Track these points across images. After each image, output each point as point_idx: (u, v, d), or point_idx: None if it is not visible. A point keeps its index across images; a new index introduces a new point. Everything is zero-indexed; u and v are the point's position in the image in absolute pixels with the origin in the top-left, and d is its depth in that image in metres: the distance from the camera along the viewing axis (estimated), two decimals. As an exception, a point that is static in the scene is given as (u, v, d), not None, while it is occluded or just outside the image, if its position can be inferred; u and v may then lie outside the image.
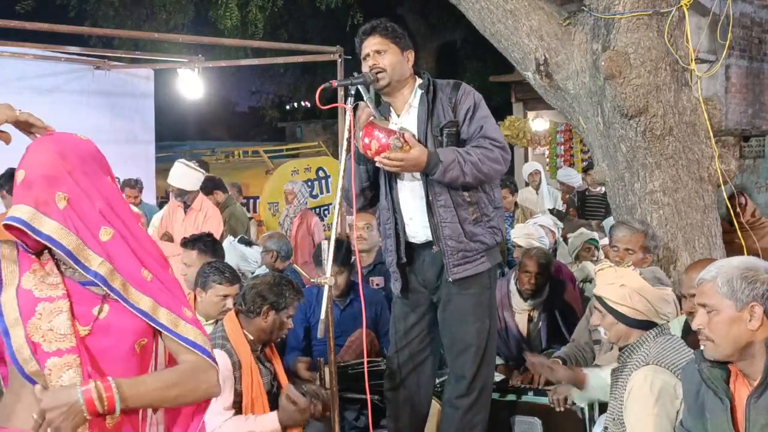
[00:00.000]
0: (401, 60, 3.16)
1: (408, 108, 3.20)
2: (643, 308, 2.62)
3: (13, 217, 1.70)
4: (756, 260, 2.14)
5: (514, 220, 6.33)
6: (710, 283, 2.12)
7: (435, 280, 3.21)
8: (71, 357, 1.71)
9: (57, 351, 1.71)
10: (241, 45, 11.17)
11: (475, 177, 3.03)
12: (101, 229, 1.77)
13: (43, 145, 1.80)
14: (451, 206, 3.10)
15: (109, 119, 8.16)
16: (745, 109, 10.22)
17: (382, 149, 2.96)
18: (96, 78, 8.12)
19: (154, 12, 13.02)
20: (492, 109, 3.27)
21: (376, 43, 3.12)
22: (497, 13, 3.93)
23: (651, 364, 2.52)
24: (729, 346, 2.08)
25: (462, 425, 3.22)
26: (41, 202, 1.72)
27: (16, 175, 1.77)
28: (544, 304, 4.14)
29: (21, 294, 1.74)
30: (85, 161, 1.81)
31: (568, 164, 12.06)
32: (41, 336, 1.71)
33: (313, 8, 13.59)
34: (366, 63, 3.14)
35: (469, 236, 3.11)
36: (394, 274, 3.29)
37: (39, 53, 7.55)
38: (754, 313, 2.05)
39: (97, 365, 1.75)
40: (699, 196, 3.81)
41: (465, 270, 3.12)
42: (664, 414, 2.45)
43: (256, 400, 3.07)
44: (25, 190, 1.73)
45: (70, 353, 1.71)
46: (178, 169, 5.85)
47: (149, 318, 1.77)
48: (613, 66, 3.57)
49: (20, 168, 1.77)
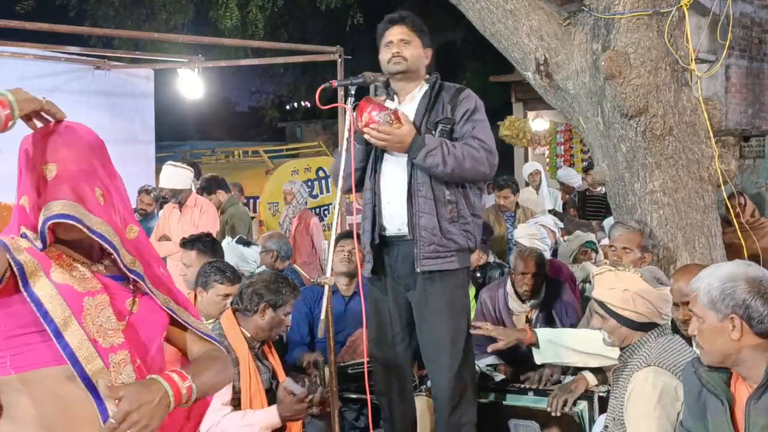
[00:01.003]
0: (421, 55, 3.24)
1: (411, 99, 3.24)
2: (645, 311, 2.62)
3: (63, 214, 1.61)
4: (738, 269, 2.13)
5: (515, 220, 6.33)
6: (695, 293, 2.15)
7: (408, 274, 3.21)
8: (124, 353, 1.66)
9: (112, 347, 1.64)
10: (241, 45, 11.18)
11: (453, 170, 3.03)
12: (128, 227, 1.75)
13: (70, 136, 1.70)
14: (431, 199, 3.11)
15: (109, 119, 8.15)
16: (745, 109, 10.23)
17: (371, 122, 2.99)
18: (96, 78, 8.12)
19: (154, 12, 13.03)
20: (492, 109, 3.29)
21: (402, 32, 3.19)
22: (497, 13, 3.93)
23: (652, 366, 2.52)
24: (717, 354, 2.11)
25: (449, 426, 3.22)
26: (82, 198, 1.65)
27: (40, 169, 1.66)
28: (542, 304, 4.13)
29: (62, 289, 1.62)
30: (105, 154, 1.77)
31: (568, 164, 12.05)
32: (95, 332, 1.63)
33: (313, 8, 13.60)
34: (389, 49, 3.18)
35: (444, 232, 3.12)
36: (368, 255, 3.29)
37: (39, 53, 7.55)
38: (734, 324, 2.06)
39: (137, 356, 1.70)
40: (699, 196, 3.81)
41: (434, 264, 3.13)
42: (665, 416, 2.45)
43: (255, 397, 3.07)
44: (62, 185, 1.64)
45: (122, 348, 1.66)
46: (167, 171, 5.93)
47: (173, 312, 1.77)
48: (613, 66, 3.57)
49: (49, 162, 1.66)
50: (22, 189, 1.68)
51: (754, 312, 2.04)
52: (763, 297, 2.04)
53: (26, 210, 1.67)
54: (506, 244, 6.15)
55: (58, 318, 1.59)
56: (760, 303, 2.04)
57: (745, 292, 2.05)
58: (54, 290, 1.61)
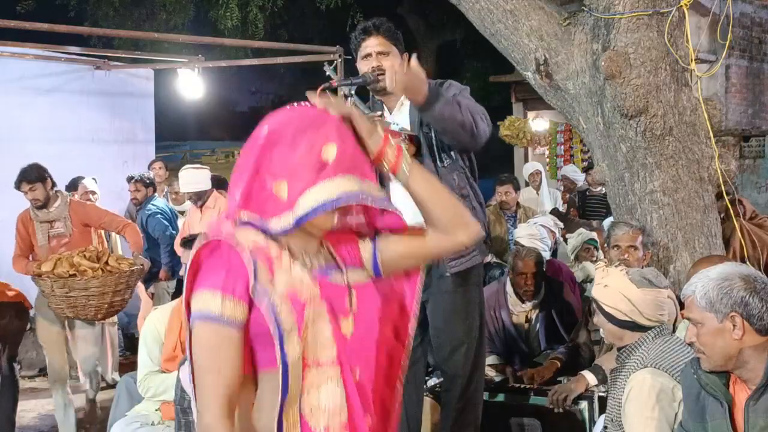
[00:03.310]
0: (401, 63, 3.15)
1: (400, 106, 3.19)
2: (625, 308, 2.60)
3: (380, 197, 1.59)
4: (730, 269, 2.13)
5: (516, 219, 6.33)
6: (690, 297, 2.14)
7: (425, 274, 3.18)
8: (332, 370, 1.57)
9: (315, 362, 1.56)
10: (241, 45, 11.17)
11: (470, 121, 2.91)
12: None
13: (328, 115, 1.62)
14: None
15: (109, 119, 8.14)
16: (745, 109, 10.23)
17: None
18: (96, 78, 8.11)
19: (154, 12, 13.03)
20: (492, 109, 3.25)
21: (379, 44, 3.09)
22: (497, 13, 3.93)
23: (649, 367, 2.51)
24: (720, 357, 2.10)
25: (456, 426, 3.22)
26: (367, 174, 1.61)
27: (322, 150, 1.56)
28: (542, 304, 4.14)
29: (290, 297, 1.54)
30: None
31: (568, 164, 12.04)
32: (306, 344, 1.55)
33: (313, 8, 13.59)
34: (367, 62, 3.11)
35: None
36: None
37: (39, 53, 7.54)
38: (735, 323, 2.06)
39: (356, 362, 1.61)
40: (699, 196, 3.81)
41: (461, 263, 3.09)
42: (662, 417, 2.45)
43: None
44: (350, 163, 1.57)
45: (331, 366, 1.57)
46: (186, 176, 5.87)
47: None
48: (613, 66, 3.57)
49: (329, 142, 1.57)
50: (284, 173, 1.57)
51: (753, 309, 2.04)
52: (759, 294, 2.05)
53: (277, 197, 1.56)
54: (506, 244, 6.15)
55: (286, 325, 1.53)
56: (757, 300, 2.04)
57: (742, 289, 2.05)
58: (285, 296, 1.54)
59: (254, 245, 1.55)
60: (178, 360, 3.37)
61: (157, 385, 3.53)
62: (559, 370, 3.75)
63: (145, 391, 3.58)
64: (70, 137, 7.50)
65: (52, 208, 4.98)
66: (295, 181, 1.55)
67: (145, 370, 3.59)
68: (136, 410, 3.63)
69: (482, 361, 3.34)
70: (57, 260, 4.56)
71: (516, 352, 4.14)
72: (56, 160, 5.79)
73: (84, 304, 4.54)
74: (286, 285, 1.55)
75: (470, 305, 3.20)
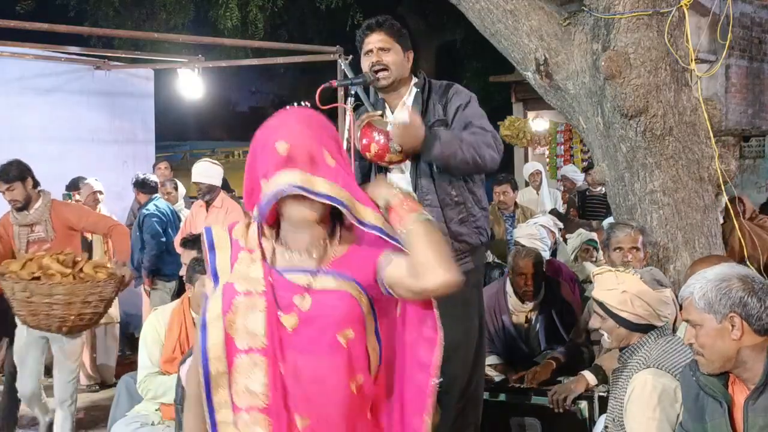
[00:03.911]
0: (403, 60, 3.14)
1: (402, 105, 3.18)
2: (643, 313, 2.62)
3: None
4: (727, 270, 2.14)
5: (515, 220, 6.33)
6: (689, 299, 2.14)
7: None
8: (259, 357, 1.68)
9: (248, 349, 1.69)
10: (241, 45, 11.17)
11: (472, 156, 2.93)
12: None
13: (318, 115, 1.81)
14: (437, 206, 3.04)
15: (109, 119, 8.15)
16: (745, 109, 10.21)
17: (382, 150, 2.95)
18: (96, 78, 8.11)
19: (154, 12, 13.03)
20: (492, 109, 3.26)
21: (381, 39, 3.10)
22: (497, 13, 3.93)
23: (651, 367, 2.52)
24: (719, 358, 2.10)
25: (456, 426, 3.22)
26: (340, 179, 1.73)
27: (276, 146, 1.69)
28: (542, 304, 4.14)
29: (225, 288, 1.73)
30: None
31: (568, 164, 12.04)
32: (234, 331, 1.69)
33: (313, 8, 13.59)
34: (368, 58, 3.11)
35: (454, 236, 3.06)
36: None
37: (39, 53, 7.54)
38: (734, 323, 2.06)
39: (295, 361, 1.69)
40: (699, 196, 3.81)
41: None
42: (664, 418, 2.45)
43: None
44: (304, 159, 1.70)
45: (259, 353, 1.68)
46: (202, 166, 5.85)
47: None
48: (613, 66, 3.57)
49: (280, 139, 1.70)
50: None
51: (752, 309, 2.05)
52: (757, 294, 2.05)
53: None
54: (506, 244, 6.15)
55: (211, 315, 1.72)
56: (755, 300, 2.05)
57: (741, 290, 2.06)
58: (221, 290, 1.74)
59: (239, 239, 1.79)
60: (177, 361, 3.37)
61: (156, 387, 3.54)
62: (557, 370, 3.75)
63: (145, 393, 3.58)
64: (70, 137, 7.51)
65: (31, 210, 4.55)
66: (264, 178, 1.71)
67: (145, 372, 3.60)
68: (136, 410, 3.63)
69: (482, 361, 3.34)
70: (28, 260, 4.02)
71: (516, 352, 4.14)
72: (56, 160, 5.80)
73: (47, 312, 3.90)
74: (236, 277, 1.73)
75: (469, 306, 3.19)
